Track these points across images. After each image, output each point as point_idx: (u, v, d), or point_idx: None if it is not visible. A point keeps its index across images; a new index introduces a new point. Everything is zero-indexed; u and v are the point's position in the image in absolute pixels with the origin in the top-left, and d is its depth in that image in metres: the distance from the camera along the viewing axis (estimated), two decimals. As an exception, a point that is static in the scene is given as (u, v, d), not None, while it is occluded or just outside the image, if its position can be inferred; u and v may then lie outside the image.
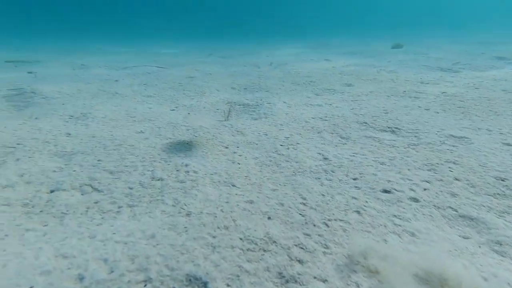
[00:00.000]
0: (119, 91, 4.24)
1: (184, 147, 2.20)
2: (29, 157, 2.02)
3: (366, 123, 2.51)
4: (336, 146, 2.10)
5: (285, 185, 1.64)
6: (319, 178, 1.68)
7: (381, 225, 1.27)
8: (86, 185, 1.73)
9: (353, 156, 1.94)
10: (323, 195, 1.53)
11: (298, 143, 2.15)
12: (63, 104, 3.45)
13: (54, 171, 1.84)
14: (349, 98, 3.51)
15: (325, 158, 1.86)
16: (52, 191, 1.65)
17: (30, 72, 6.08)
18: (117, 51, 12.00)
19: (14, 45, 14.51)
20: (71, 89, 4.30)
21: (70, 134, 2.44)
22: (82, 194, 1.64)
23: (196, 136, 2.42)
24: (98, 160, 1.98)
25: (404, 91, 3.57)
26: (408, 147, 2.05)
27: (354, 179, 1.66)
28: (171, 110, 3.47)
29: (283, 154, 1.97)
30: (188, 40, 22.98)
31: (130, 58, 9.33)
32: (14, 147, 2.20)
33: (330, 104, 3.22)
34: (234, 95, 4.13)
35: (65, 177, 1.77)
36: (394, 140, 2.17)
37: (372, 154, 1.97)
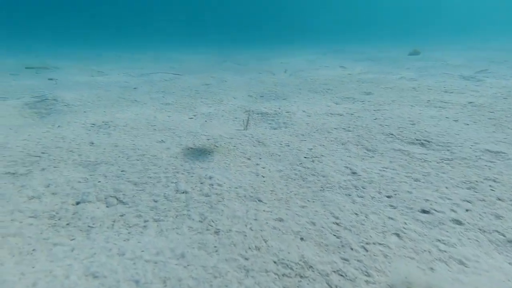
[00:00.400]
0: (138, 98, 4.27)
1: (206, 157, 2.17)
2: (54, 167, 2.02)
3: (392, 134, 2.42)
4: (363, 159, 2.02)
5: (314, 202, 1.57)
6: (349, 195, 1.60)
7: (425, 250, 1.18)
8: (111, 196, 1.71)
9: (383, 171, 1.86)
10: (356, 214, 1.45)
11: (322, 155, 2.08)
12: (84, 112, 3.50)
13: (79, 181, 1.83)
14: (371, 107, 3.41)
15: (354, 173, 1.79)
16: (78, 203, 1.64)
17: (51, 79, 6.23)
18: (133, 58, 12.25)
19: (33, 51, 15.04)
20: (92, 96, 4.36)
21: (93, 143, 2.45)
22: (107, 207, 1.62)
23: (217, 146, 2.38)
24: (122, 171, 1.97)
25: (428, 100, 3.46)
26: (442, 162, 1.95)
27: (388, 196, 1.58)
28: (189, 118, 3.46)
29: (308, 167, 1.91)
30: (201, 46, 23.31)
31: (146, 64, 9.49)
32: (39, 156, 2.21)
33: (352, 114, 3.14)
34: (251, 103, 4.10)
35: (90, 188, 1.76)
36: (425, 154, 2.08)
37: (404, 169, 1.88)
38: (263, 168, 1.96)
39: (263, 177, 1.82)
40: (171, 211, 1.57)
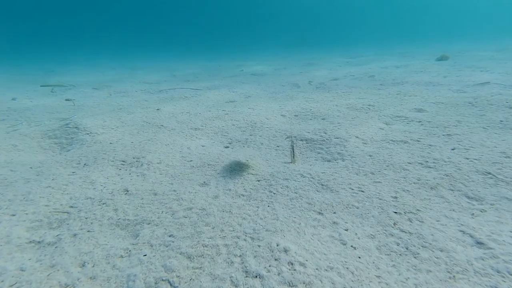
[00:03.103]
0: (164, 123, 3.94)
1: (266, 211, 1.77)
2: (88, 231, 1.66)
3: (489, 173, 1.97)
4: (473, 215, 1.59)
5: (438, 292, 1.15)
6: None
7: None
8: (163, 280, 1.33)
9: None
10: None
11: (418, 210, 1.65)
12: (110, 143, 3.17)
13: (121, 256, 1.46)
14: (436, 130, 2.97)
15: (480, 243, 1.36)
16: (123, 294, 1.26)
17: (68, 100, 6.01)
18: (145, 69, 12.06)
19: (46, 66, 15.10)
20: (114, 121, 4.06)
21: (128, 191, 2.09)
22: (161, 299, 1.24)
23: (273, 193, 1.99)
24: (170, 236, 1.59)
25: (501, 121, 2.99)
26: None
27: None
28: (225, 147, 3.09)
29: (409, 232, 1.49)
30: (205, 54, 23.22)
31: (161, 78, 9.23)
32: (68, 212, 1.86)
33: (418, 140, 2.70)
34: (287, 124, 3.71)
35: (135, 268, 1.38)
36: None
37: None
38: (346, 230, 1.55)
39: (354, 248, 1.41)
40: (246, 306, 1.17)
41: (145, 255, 1.46)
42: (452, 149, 2.42)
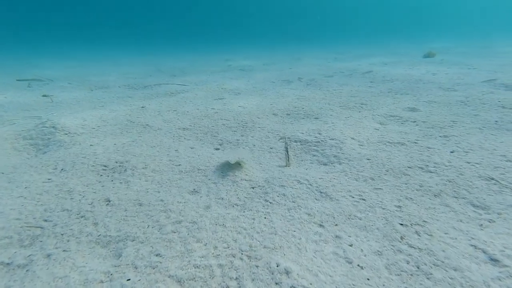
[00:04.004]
0: (150, 122, 3.72)
1: (262, 224, 1.64)
2: (64, 251, 1.48)
3: (492, 178, 1.91)
4: (481, 226, 1.51)
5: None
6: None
7: None
8: (150, 310, 1.17)
9: (518, 247, 1.35)
10: None
11: (424, 221, 1.56)
12: (91, 145, 2.94)
13: (102, 281, 1.29)
14: (432, 131, 2.91)
15: (494, 259, 1.27)
16: (104, 329, 1.10)
17: (45, 95, 5.65)
18: (129, 63, 11.60)
19: (23, 57, 14.29)
20: (95, 120, 3.80)
21: (110, 201, 1.91)
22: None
23: (270, 203, 1.85)
24: (157, 255, 1.43)
25: (496, 121, 2.96)
26: None
27: None
28: (215, 149, 2.93)
29: (418, 247, 1.39)
30: (192, 48, 22.70)
31: (144, 71, 8.86)
32: (41, 227, 1.67)
33: (415, 142, 2.63)
34: (280, 124, 3.58)
35: (118, 295, 1.22)
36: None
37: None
38: (351, 246, 1.43)
39: (361, 268, 1.29)
40: None
41: (129, 279, 1.30)
42: (451, 152, 2.36)
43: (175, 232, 1.59)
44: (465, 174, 1.98)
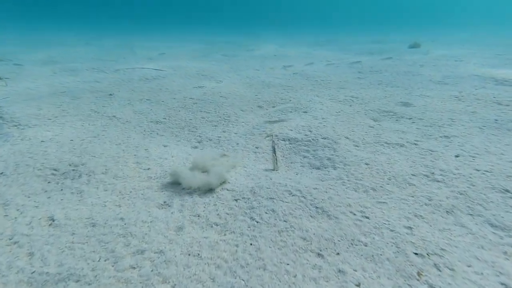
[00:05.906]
0: (117, 113, 3.26)
1: (249, 254, 1.32)
2: (-22, 301, 1.09)
3: (507, 191, 1.69)
4: (506, 254, 1.27)
5: None
6: None
7: None
8: None
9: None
10: None
11: (442, 249, 1.30)
12: (42, 141, 2.47)
13: None
14: (431, 131, 2.68)
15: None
16: None
17: (0, 78, 4.95)
18: (100, 44, 10.66)
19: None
20: (53, 109, 3.29)
21: (54, 221, 1.51)
22: None
23: (256, 222, 1.53)
24: (109, 304, 1.08)
25: (496, 120, 2.78)
26: None
27: None
28: (193, 147, 2.56)
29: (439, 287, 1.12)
30: (172, 30, 21.50)
31: (117, 52, 8.10)
32: (-46, 262, 1.25)
33: (415, 144, 2.38)
34: (266, 118, 3.24)
35: None
36: None
37: None
38: (358, 286, 1.15)
39: (375, 320, 1.01)
40: None
41: None
42: (456, 156, 2.13)
43: (134, 268, 1.23)
44: (477, 185, 1.75)
